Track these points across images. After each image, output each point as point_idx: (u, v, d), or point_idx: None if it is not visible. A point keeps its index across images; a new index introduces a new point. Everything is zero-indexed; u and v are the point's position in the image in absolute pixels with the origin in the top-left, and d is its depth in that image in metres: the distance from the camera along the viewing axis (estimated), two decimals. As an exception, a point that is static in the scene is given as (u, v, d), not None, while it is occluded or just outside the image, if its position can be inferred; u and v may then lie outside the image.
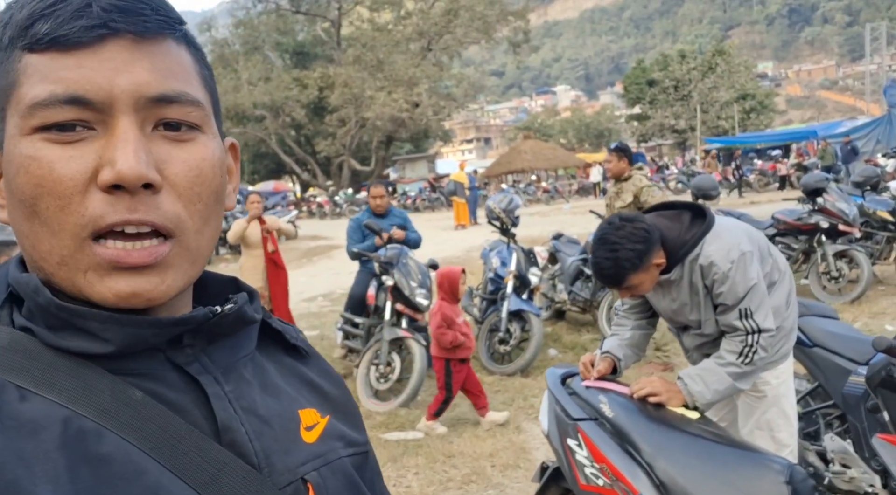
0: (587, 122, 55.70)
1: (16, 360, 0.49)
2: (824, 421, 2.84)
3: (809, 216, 6.58)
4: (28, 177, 0.48)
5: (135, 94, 0.49)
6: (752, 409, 2.30)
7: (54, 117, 0.47)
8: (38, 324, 0.51)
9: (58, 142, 0.48)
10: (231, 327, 0.57)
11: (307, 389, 0.64)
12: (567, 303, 6.30)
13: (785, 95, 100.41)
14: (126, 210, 0.48)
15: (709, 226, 2.11)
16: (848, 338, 2.68)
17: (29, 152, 0.48)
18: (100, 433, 0.48)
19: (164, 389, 0.52)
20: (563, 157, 32.86)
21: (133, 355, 0.52)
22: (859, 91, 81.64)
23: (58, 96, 0.47)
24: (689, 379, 2.06)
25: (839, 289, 6.35)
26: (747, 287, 2.03)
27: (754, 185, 21.00)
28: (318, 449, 0.60)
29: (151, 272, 0.50)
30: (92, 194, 0.48)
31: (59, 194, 0.47)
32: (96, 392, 0.49)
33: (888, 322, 5.54)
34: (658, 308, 2.32)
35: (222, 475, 0.51)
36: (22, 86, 0.48)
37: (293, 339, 0.66)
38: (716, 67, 38.03)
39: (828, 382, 2.70)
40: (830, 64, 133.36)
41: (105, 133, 0.48)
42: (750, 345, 2.04)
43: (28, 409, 0.47)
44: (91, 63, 0.48)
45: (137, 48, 0.49)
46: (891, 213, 6.75)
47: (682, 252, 2.09)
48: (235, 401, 0.55)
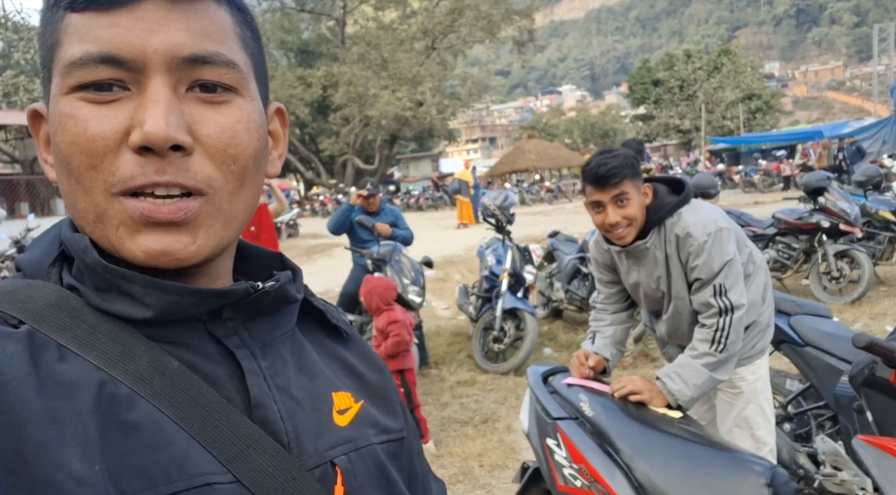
0: (592, 122, 55.57)
1: (61, 319, 0.49)
2: (816, 423, 2.78)
3: (810, 215, 6.51)
4: (64, 135, 0.48)
5: (167, 53, 0.48)
6: (730, 407, 2.27)
7: (90, 76, 0.48)
8: (85, 284, 0.51)
9: (94, 102, 0.48)
10: (272, 305, 0.57)
11: (344, 372, 0.64)
12: (564, 301, 6.25)
13: (791, 96, 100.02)
14: (155, 172, 0.48)
15: (687, 196, 2.10)
16: (840, 337, 2.61)
17: (66, 110, 0.48)
18: (132, 399, 0.47)
19: (201, 360, 0.52)
20: (566, 157, 32.77)
21: (173, 323, 0.52)
22: (866, 92, 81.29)
23: (92, 55, 0.47)
24: (667, 378, 2.01)
25: (840, 290, 6.28)
26: (723, 261, 2.00)
27: (759, 186, 20.93)
28: (350, 433, 0.59)
29: (181, 230, 0.50)
30: (123, 154, 0.48)
31: (91, 152, 0.48)
32: (134, 357, 0.49)
33: (889, 323, 5.46)
34: (632, 286, 2.27)
35: (251, 451, 0.50)
36: (62, 45, 0.49)
37: (334, 319, 0.66)
38: (721, 67, 37.85)
39: (820, 382, 2.64)
40: (838, 65, 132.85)
41: (138, 93, 0.49)
42: (721, 329, 2.00)
43: (66, 370, 0.47)
44: (125, 22, 0.48)
45: (173, 8, 0.49)
46: (893, 213, 6.67)
47: (659, 216, 2.08)
48: (270, 379, 0.55)
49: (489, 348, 5.28)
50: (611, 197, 2.03)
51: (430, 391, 4.82)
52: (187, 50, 0.49)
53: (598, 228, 2.16)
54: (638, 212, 2.05)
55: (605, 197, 2.04)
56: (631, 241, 2.10)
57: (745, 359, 2.21)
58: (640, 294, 2.27)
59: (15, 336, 0.47)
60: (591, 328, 2.45)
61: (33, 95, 19.41)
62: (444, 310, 7.56)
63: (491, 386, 4.82)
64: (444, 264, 10.22)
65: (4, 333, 0.47)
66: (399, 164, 37.70)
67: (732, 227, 2.09)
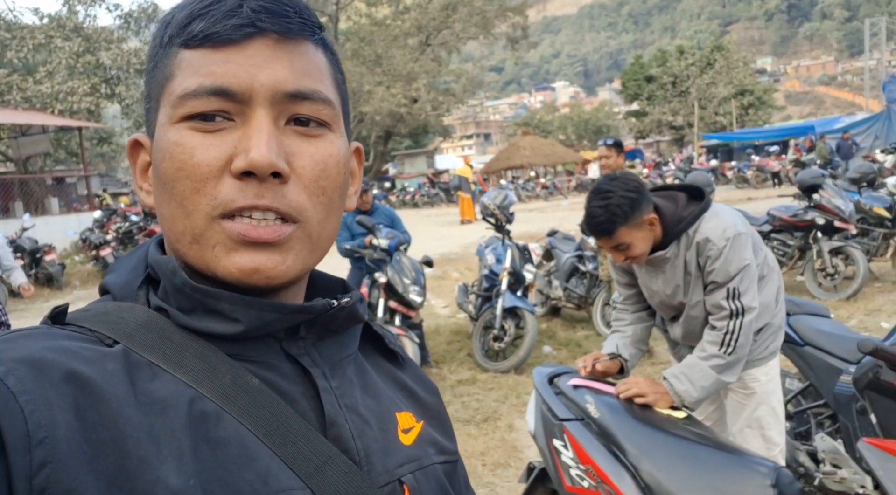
0: (586, 119, 55.55)
1: (151, 338, 0.52)
2: (815, 421, 2.82)
3: (805, 212, 6.56)
4: (172, 161, 0.52)
5: (272, 88, 0.52)
6: (742, 407, 2.28)
7: (200, 107, 0.51)
8: (171, 304, 0.54)
9: (200, 131, 0.52)
10: (343, 323, 0.60)
11: (403, 394, 0.67)
12: (562, 299, 6.28)
13: (784, 91, 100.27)
14: (254, 196, 0.51)
15: (707, 204, 2.10)
16: (839, 336, 2.65)
17: (175, 138, 0.52)
18: (219, 416, 0.50)
19: (278, 378, 0.54)
20: (561, 154, 32.81)
21: (252, 342, 0.55)
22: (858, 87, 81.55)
23: (205, 87, 0.51)
24: (674, 378, 2.04)
25: (835, 286, 6.34)
26: (740, 266, 2.02)
27: (752, 182, 21.03)
28: (414, 452, 0.61)
29: (273, 250, 0.52)
30: (224, 180, 0.51)
31: (196, 177, 0.51)
32: (219, 375, 0.52)
33: (884, 319, 5.52)
34: (650, 293, 2.29)
35: (327, 468, 0.52)
36: (175, 78, 0.52)
37: (391, 344, 0.68)
38: (714, 63, 37.93)
39: (819, 381, 2.68)
40: (829, 59, 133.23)
41: (242, 124, 0.52)
42: (731, 332, 2.02)
43: (159, 387, 0.49)
44: (237, 58, 0.52)
45: (279, 47, 0.53)
46: (887, 210, 6.74)
47: (679, 228, 2.08)
48: (340, 398, 0.57)
49: (489, 347, 5.31)
50: (610, 247, 2.08)
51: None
52: (290, 86, 0.53)
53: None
54: (643, 249, 2.07)
55: (606, 246, 2.09)
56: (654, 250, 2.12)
57: (759, 360, 2.23)
58: (656, 301, 2.29)
59: (112, 355, 0.49)
60: (612, 328, 2.46)
61: (26, 94, 19.29)
62: (443, 309, 7.59)
63: (491, 385, 4.85)
64: (443, 262, 10.24)
65: (104, 352, 0.49)
66: (394, 161, 37.60)
67: (750, 232, 2.11)
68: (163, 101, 0.54)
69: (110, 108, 23.02)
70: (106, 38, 20.87)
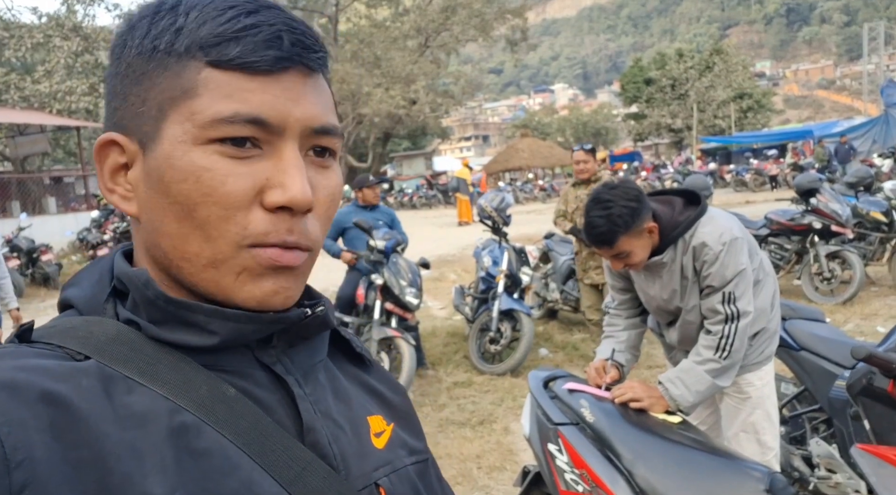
0: (584, 121, 55.62)
1: (123, 351, 0.51)
2: (810, 426, 2.82)
3: (802, 216, 6.57)
4: (198, 185, 0.51)
5: (304, 123, 0.53)
6: (737, 412, 2.29)
7: (233, 132, 0.51)
8: (141, 316, 0.53)
9: (230, 157, 0.51)
10: (314, 330, 0.60)
11: (372, 397, 0.67)
12: (559, 302, 6.28)
13: (783, 95, 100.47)
14: (286, 231, 0.52)
15: (703, 209, 2.11)
16: (835, 341, 2.65)
17: (203, 163, 0.51)
18: (199, 427, 0.49)
19: (253, 387, 0.55)
20: (559, 156, 32.81)
21: (225, 352, 0.54)
22: (857, 91, 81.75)
23: (241, 115, 0.50)
24: (670, 383, 2.04)
25: (832, 290, 6.35)
26: (736, 271, 2.02)
27: (750, 185, 21.08)
28: (387, 456, 0.62)
29: (290, 274, 0.54)
30: (255, 210, 0.52)
31: (226, 206, 0.51)
32: (195, 386, 0.51)
33: (880, 323, 5.53)
34: (647, 298, 2.29)
35: (306, 474, 0.53)
36: (201, 97, 0.51)
37: (358, 348, 0.69)
38: (713, 66, 38.00)
39: (814, 386, 2.68)
40: (828, 63, 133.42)
41: (271, 154, 0.52)
42: (726, 336, 2.02)
43: (136, 401, 0.49)
44: (274, 90, 0.52)
45: (306, 81, 0.54)
46: (884, 214, 6.74)
47: (676, 233, 2.08)
48: (315, 404, 0.57)
49: (486, 349, 5.31)
50: (610, 256, 2.08)
51: (427, 392, 4.84)
52: (318, 122, 0.54)
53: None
54: (642, 257, 2.07)
55: (605, 255, 2.09)
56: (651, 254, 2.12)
57: (754, 364, 2.23)
58: (653, 306, 2.29)
59: (86, 370, 0.49)
60: (605, 333, 2.46)
61: (24, 93, 19.27)
62: (439, 310, 7.58)
63: (488, 388, 4.85)
64: (440, 263, 10.24)
65: (77, 368, 0.49)
66: (392, 162, 37.60)
67: (746, 237, 2.11)
68: (175, 115, 0.52)
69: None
70: (105, 37, 20.85)
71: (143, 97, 0.53)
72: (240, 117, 0.50)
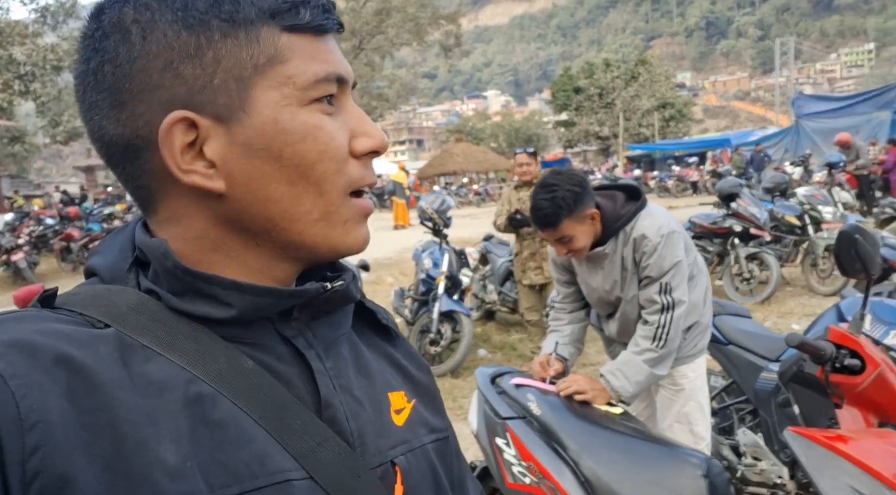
0: (517, 127, 56.51)
1: (142, 321, 0.51)
2: (738, 416, 2.97)
3: (724, 220, 6.90)
4: (315, 144, 0.53)
5: (352, 78, 0.58)
6: (671, 403, 2.39)
7: (328, 90, 0.55)
8: (162, 287, 0.53)
9: (327, 113, 0.55)
10: (336, 304, 0.60)
11: (395, 371, 0.67)
12: (497, 303, 6.37)
13: (702, 105, 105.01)
14: (371, 175, 0.58)
15: (643, 204, 2.21)
16: (759, 336, 2.82)
17: (314, 122, 0.54)
18: (215, 398, 0.50)
19: (273, 360, 0.55)
20: (493, 160, 33.26)
21: (246, 324, 0.55)
22: (770, 102, 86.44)
23: (332, 74, 0.55)
24: (611, 375, 2.12)
25: (751, 290, 6.69)
26: (673, 262, 2.12)
27: (672, 191, 21.99)
28: (405, 434, 0.62)
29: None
30: (351, 160, 0.56)
31: (339, 159, 0.55)
32: (213, 357, 0.51)
33: (795, 321, 5.87)
34: (588, 289, 2.37)
35: (321, 449, 0.53)
36: (291, 61, 0.53)
37: (384, 320, 0.69)
38: (638, 76, 39.39)
39: (741, 378, 2.83)
40: (744, 75, 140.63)
41: (342, 107, 0.57)
42: (663, 325, 2.12)
43: (154, 370, 0.49)
44: (334, 50, 0.57)
45: (334, 40, 0.58)
46: (798, 218, 7.16)
47: (617, 225, 2.17)
48: (335, 379, 0.57)
49: (426, 350, 5.33)
50: (554, 240, 2.15)
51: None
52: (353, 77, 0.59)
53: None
54: (584, 243, 2.15)
55: (550, 238, 2.15)
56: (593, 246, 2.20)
57: (687, 357, 2.34)
58: (594, 297, 2.37)
59: (104, 337, 0.49)
60: (550, 327, 2.53)
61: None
62: (377, 314, 7.54)
63: (428, 389, 4.86)
64: (377, 267, 10.18)
65: (96, 335, 0.49)
66: (325, 166, 37.10)
67: (681, 231, 2.23)
68: (265, 82, 0.52)
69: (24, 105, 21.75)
70: (20, 32, 19.71)
71: (210, 71, 0.51)
72: (332, 75, 0.55)
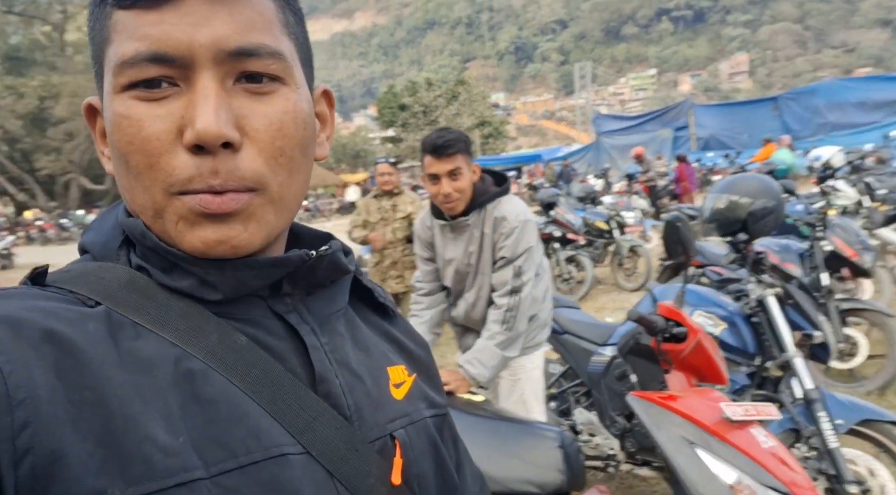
0: (344, 143, 56.50)
1: (133, 298, 0.50)
2: (574, 398, 3.29)
3: (545, 226, 7.52)
4: (121, 135, 0.48)
5: (213, 47, 0.48)
6: (510, 391, 2.60)
7: (141, 75, 0.48)
8: (152, 264, 0.52)
9: (146, 100, 0.48)
10: (326, 275, 0.58)
11: (394, 347, 0.66)
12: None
13: (515, 123, 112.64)
14: (209, 174, 0.48)
15: (507, 189, 2.43)
16: (589, 324, 3.16)
17: (120, 110, 0.48)
18: (206, 374, 0.48)
19: (266, 336, 0.53)
20: (322, 176, 32.98)
21: (237, 300, 0.53)
22: (572, 121, 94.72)
23: (142, 54, 0.47)
24: (468, 364, 2.27)
25: (570, 289, 7.34)
26: (527, 246, 2.33)
27: (496, 203, 23.29)
28: (405, 407, 0.61)
29: (235, 220, 0.50)
30: (178, 153, 0.48)
31: (149, 152, 0.48)
32: (205, 334, 0.50)
33: (608, 314, 6.53)
34: (444, 263, 2.51)
35: (317, 423, 0.52)
36: (112, 43, 0.49)
37: (381, 298, 0.67)
38: (458, 96, 41.30)
39: (576, 363, 3.15)
40: (549, 97, 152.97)
41: (188, 89, 0.48)
42: (511, 308, 2.31)
43: (143, 346, 0.48)
44: (172, 18, 0.47)
45: (217, 0, 0.49)
46: (605, 223, 8.02)
47: (482, 200, 2.36)
48: (330, 354, 0.56)
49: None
50: (446, 171, 2.27)
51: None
52: (233, 43, 0.48)
53: (433, 199, 2.40)
54: (468, 186, 2.32)
55: (442, 170, 2.26)
56: (459, 213, 2.35)
57: (526, 349, 2.54)
58: (451, 269, 2.49)
59: (93, 315, 0.48)
60: (411, 313, 2.63)
61: None
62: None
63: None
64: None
65: (85, 313, 0.48)
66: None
67: (535, 224, 2.46)
68: (105, 67, 0.50)
69: None
70: None
71: (95, 58, 0.52)
72: (140, 57, 0.47)
